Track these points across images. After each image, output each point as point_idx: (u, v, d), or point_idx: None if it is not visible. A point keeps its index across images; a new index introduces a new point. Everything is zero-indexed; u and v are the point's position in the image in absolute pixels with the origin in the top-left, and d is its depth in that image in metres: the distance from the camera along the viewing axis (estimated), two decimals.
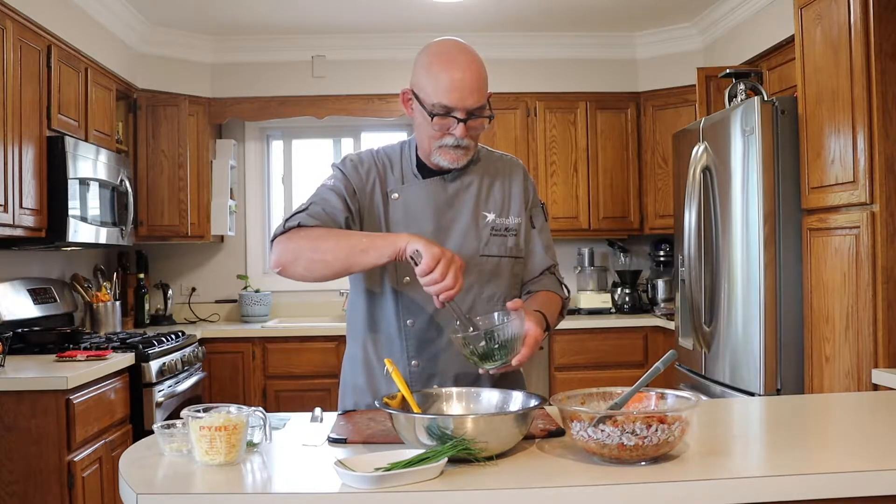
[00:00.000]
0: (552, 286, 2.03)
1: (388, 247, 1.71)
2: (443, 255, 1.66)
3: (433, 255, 1.65)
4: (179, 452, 1.52)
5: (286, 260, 1.82)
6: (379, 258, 1.73)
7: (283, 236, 1.85)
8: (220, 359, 4.59)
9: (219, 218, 5.01)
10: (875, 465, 1.38)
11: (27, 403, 2.86)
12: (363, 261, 1.75)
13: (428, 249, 1.66)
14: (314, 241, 1.81)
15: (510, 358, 1.70)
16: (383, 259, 1.73)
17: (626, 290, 5.18)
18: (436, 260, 1.65)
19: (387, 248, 1.71)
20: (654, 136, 5.06)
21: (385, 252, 1.72)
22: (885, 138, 2.65)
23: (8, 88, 3.17)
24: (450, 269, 1.65)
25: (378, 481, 1.29)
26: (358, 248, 1.75)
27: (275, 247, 1.85)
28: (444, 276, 1.65)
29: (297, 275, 1.83)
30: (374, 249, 1.73)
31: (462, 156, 1.90)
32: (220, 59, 5.03)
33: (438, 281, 1.65)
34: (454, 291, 1.67)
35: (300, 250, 1.81)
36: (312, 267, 1.81)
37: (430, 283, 1.66)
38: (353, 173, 1.97)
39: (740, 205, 3.26)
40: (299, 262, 1.81)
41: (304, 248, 1.81)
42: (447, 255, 1.67)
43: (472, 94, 1.83)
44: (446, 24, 4.76)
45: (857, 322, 2.73)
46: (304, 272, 1.82)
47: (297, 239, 1.83)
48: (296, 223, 1.85)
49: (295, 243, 1.82)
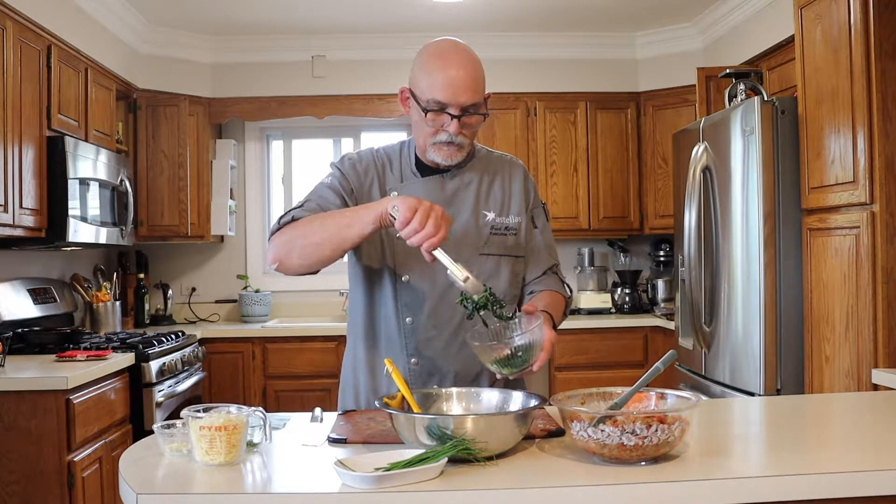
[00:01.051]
0: (555, 286, 2.04)
1: (370, 213, 1.70)
2: (419, 204, 1.62)
3: (409, 206, 1.62)
4: (179, 452, 1.52)
5: (281, 254, 1.82)
6: (364, 227, 1.71)
7: (278, 232, 1.86)
8: (220, 359, 4.59)
9: (219, 218, 5.01)
10: (875, 465, 1.38)
11: (27, 403, 2.86)
12: (350, 234, 1.74)
13: (404, 202, 1.63)
14: (303, 228, 1.81)
15: (530, 364, 1.70)
16: (368, 227, 1.71)
17: (626, 290, 5.18)
18: (412, 210, 1.61)
19: (369, 215, 1.70)
20: (654, 136, 5.06)
21: (368, 219, 1.70)
22: (885, 138, 2.65)
23: (8, 88, 3.17)
24: (429, 217, 1.61)
25: (378, 481, 1.29)
26: (343, 223, 1.75)
27: (270, 244, 1.86)
28: (423, 224, 1.61)
29: (294, 265, 1.83)
30: (358, 219, 1.72)
31: (455, 152, 1.90)
32: (220, 59, 5.03)
33: (418, 230, 1.61)
34: (437, 238, 1.62)
35: (292, 240, 1.82)
36: (305, 253, 1.80)
37: (411, 233, 1.62)
38: (350, 172, 1.97)
39: (740, 205, 3.26)
40: (293, 253, 1.81)
41: (295, 237, 1.81)
42: (424, 204, 1.63)
43: (467, 90, 1.84)
44: (446, 24, 4.76)
45: (857, 322, 2.73)
46: (300, 261, 1.81)
47: (288, 231, 1.84)
48: (289, 218, 1.86)
49: (287, 235, 1.83)
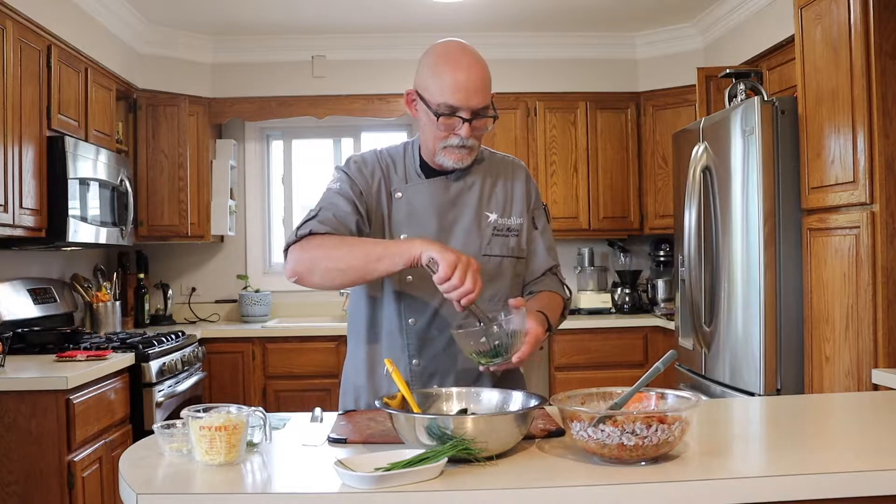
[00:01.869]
0: (554, 286, 2.04)
1: (403, 254, 1.71)
2: (458, 260, 1.65)
3: (449, 263, 1.65)
4: (179, 452, 1.52)
5: (302, 270, 1.83)
6: (393, 266, 1.73)
7: (296, 245, 1.85)
8: (220, 359, 4.59)
9: (219, 218, 5.01)
10: (875, 465, 1.38)
11: (27, 403, 2.86)
12: (378, 268, 1.75)
13: (444, 256, 1.66)
14: (328, 251, 1.81)
15: (510, 355, 1.70)
16: (398, 267, 1.72)
17: (626, 290, 5.18)
18: (452, 267, 1.64)
19: (401, 256, 1.71)
20: (654, 136, 5.06)
21: (399, 260, 1.71)
22: (885, 138, 2.65)
23: (8, 88, 3.17)
24: (468, 273, 1.65)
25: (378, 481, 1.29)
26: (373, 257, 1.75)
27: (289, 256, 1.85)
28: (462, 280, 1.64)
29: (314, 284, 1.84)
30: (389, 257, 1.73)
31: (466, 155, 1.91)
32: (220, 59, 5.03)
33: (458, 287, 1.65)
34: (475, 295, 1.66)
35: (315, 260, 1.81)
36: (328, 276, 1.81)
37: (450, 289, 1.66)
38: (357, 175, 1.97)
39: (740, 205, 3.26)
40: (315, 272, 1.82)
41: (320, 258, 1.81)
42: (463, 259, 1.66)
43: (477, 94, 1.84)
44: (446, 24, 4.76)
45: (857, 322, 2.73)
46: (321, 282, 1.83)
47: (311, 248, 1.83)
48: (307, 231, 1.85)
49: (309, 253, 1.82)
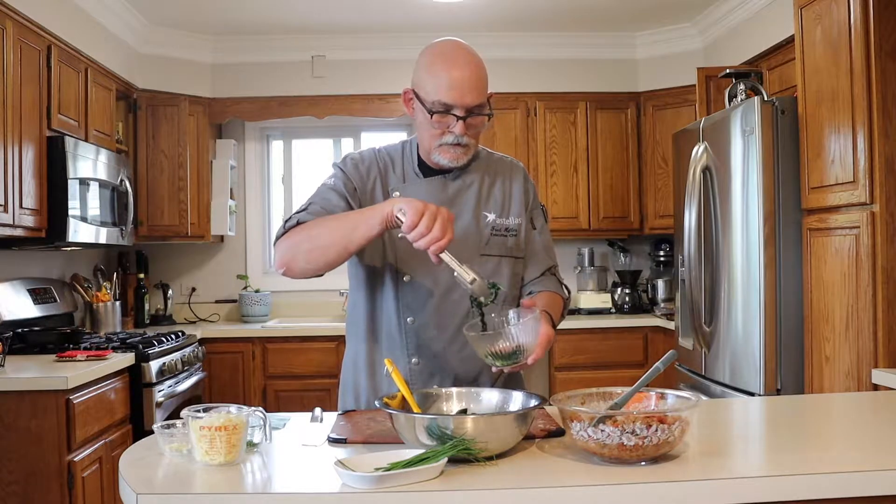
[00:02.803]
0: (553, 286, 2.04)
1: (376, 214, 1.70)
2: (426, 207, 1.63)
3: (416, 210, 1.63)
4: (179, 452, 1.52)
5: (287, 258, 1.82)
6: (370, 229, 1.71)
7: (283, 237, 1.86)
8: (220, 359, 4.59)
9: (219, 218, 5.01)
10: (875, 465, 1.38)
11: (27, 403, 2.86)
12: (356, 236, 1.74)
13: (411, 204, 1.64)
14: (308, 232, 1.82)
15: (525, 357, 1.70)
16: (374, 229, 1.71)
17: (626, 290, 5.18)
18: (419, 214, 1.62)
19: (375, 217, 1.70)
20: (654, 136, 5.06)
21: (374, 221, 1.70)
22: (885, 138, 2.65)
23: (8, 88, 3.17)
24: (436, 220, 1.62)
25: (378, 481, 1.29)
26: (349, 226, 1.75)
27: (276, 249, 1.86)
28: (429, 227, 1.62)
29: (300, 269, 1.83)
30: (364, 221, 1.72)
31: (462, 154, 1.91)
32: (220, 59, 5.03)
33: (425, 234, 1.62)
34: (444, 242, 1.63)
35: (298, 244, 1.82)
36: (311, 257, 1.80)
37: (417, 237, 1.63)
38: (353, 172, 1.97)
39: (740, 205, 3.26)
40: (299, 257, 1.81)
41: (301, 241, 1.81)
42: (431, 207, 1.63)
43: (472, 91, 1.84)
44: (446, 24, 4.76)
45: (857, 322, 2.73)
46: (306, 265, 1.82)
47: (294, 235, 1.84)
48: (294, 222, 1.86)
49: (292, 240, 1.83)
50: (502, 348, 1.68)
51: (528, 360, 1.70)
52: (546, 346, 1.73)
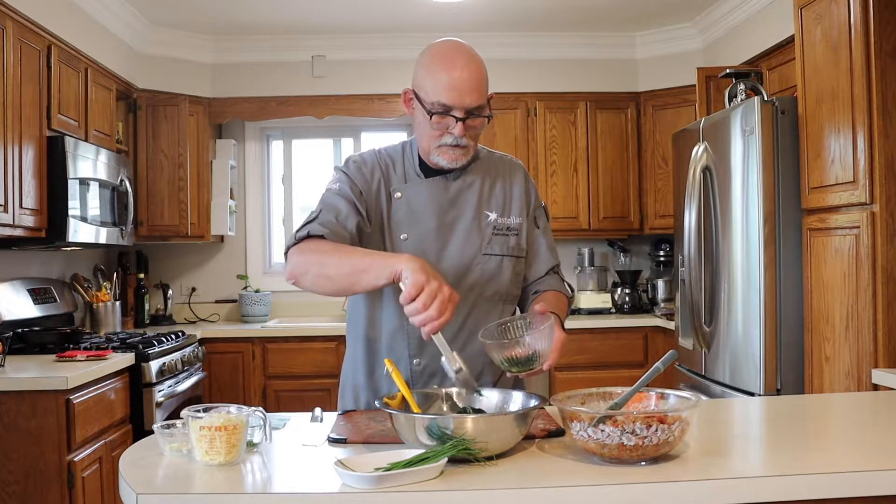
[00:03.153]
0: (557, 285, 2.05)
1: (386, 268, 1.66)
2: (427, 283, 1.56)
3: (415, 283, 1.56)
4: (179, 452, 1.52)
5: (298, 273, 1.81)
6: (376, 280, 1.69)
7: (295, 248, 1.84)
8: (220, 359, 4.59)
9: (219, 218, 5.01)
10: (875, 465, 1.38)
11: (27, 403, 2.86)
12: (362, 281, 1.72)
13: (413, 276, 1.58)
14: (321, 256, 1.79)
15: (542, 362, 1.70)
16: (380, 281, 1.68)
17: (626, 290, 5.18)
18: (418, 288, 1.56)
19: (384, 270, 1.66)
20: (654, 136, 5.06)
21: (382, 274, 1.67)
22: (885, 138, 2.65)
23: (8, 88, 3.17)
24: (434, 299, 1.55)
25: (378, 481, 1.29)
26: (360, 268, 1.72)
27: (288, 259, 1.84)
28: (426, 306, 1.55)
29: (308, 288, 1.83)
30: (374, 270, 1.69)
31: (461, 155, 1.90)
32: (220, 59, 5.03)
33: (420, 311, 1.56)
34: (437, 323, 1.56)
35: (309, 264, 1.80)
36: (318, 283, 1.79)
37: (413, 312, 1.57)
38: (357, 175, 1.96)
39: (740, 205, 3.26)
40: (307, 277, 1.80)
41: (312, 263, 1.80)
42: (433, 284, 1.56)
43: (471, 93, 1.84)
44: (446, 24, 4.76)
45: (857, 322, 2.73)
46: (312, 287, 1.81)
47: (308, 252, 1.82)
48: (305, 233, 1.84)
49: (305, 257, 1.81)
50: (518, 355, 1.68)
51: (545, 365, 1.71)
52: (561, 352, 1.74)
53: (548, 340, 1.69)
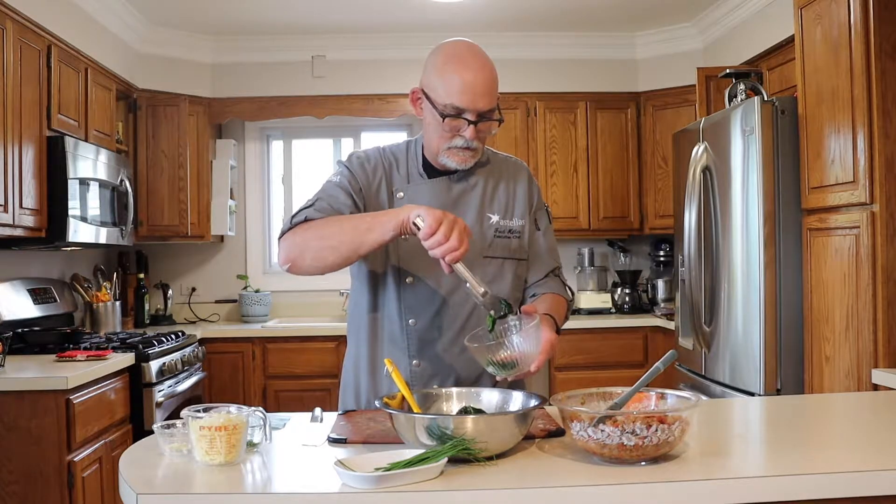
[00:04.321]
0: (557, 288, 2.04)
1: (392, 220, 1.69)
2: (444, 216, 1.63)
3: (435, 218, 1.62)
4: (179, 452, 1.52)
5: (294, 255, 1.81)
6: (384, 233, 1.70)
7: (289, 232, 1.84)
8: (220, 359, 4.59)
9: (219, 218, 5.01)
10: (875, 465, 1.38)
11: (27, 403, 2.86)
12: (368, 239, 1.72)
13: (430, 213, 1.64)
14: (319, 230, 1.80)
15: (527, 365, 1.68)
16: (388, 234, 1.70)
17: (626, 290, 5.18)
18: (438, 222, 1.62)
19: (390, 222, 1.69)
20: (654, 136, 5.06)
21: (389, 225, 1.69)
22: (885, 138, 2.65)
23: (8, 88, 3.17)
24: (453, 230, 1.62)
25: (378, 481, 1.29)
26: (363, 228, 1.73)
27: (281, 244, 1.84)
28: (447, 237, 1.61)
29: (306, 267, 1.81)
30: (379, 225, 1.70)
31: (470, 157, 1.90)
32: (220, 59, 5.03)
33: (442, 242, 1.61)
34: (459, 252, 1.62)
35: (306, 241, 1.80)
36: (320, 255, 1.78)
37: (434, 245, 1.63)
38: (359, 171, 1.96)
39: (740, 205, 3.26)
40: (306, 254, 1.80)
41: (310, 239, 1.80)
42: (449, 217, 1.64)
43: (484, 96, 1.83)
44: (446, 24, 4.76)
45: (857, 322, 2.73)
46: (313, 262, 1.80)
47: (302, 232, 1.82)
48: (302, 218, 1.85)
49: (300, 236, 1.81)
50: (504, 358, 1.66)
51: (532, 367, 1.69)
52: (549, 353, 1.72)
53: (534, 342, 1.66)
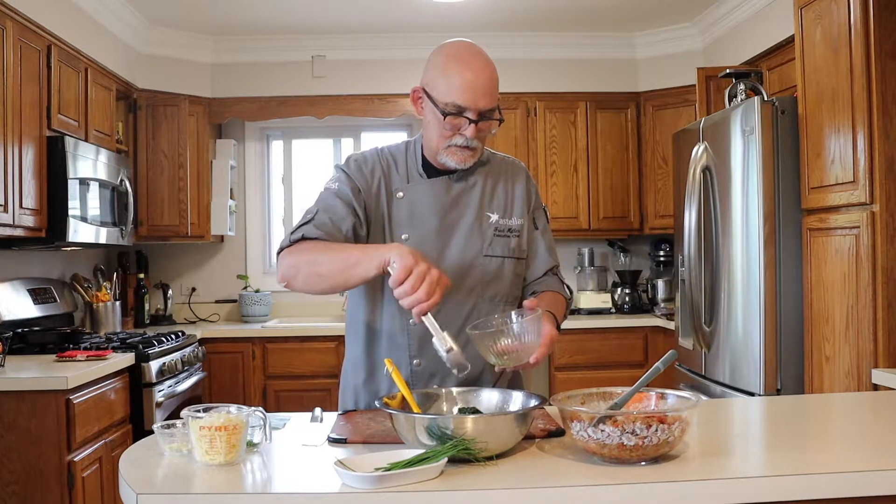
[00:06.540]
0: (556, 286, 2.05)
1: (376, 258, 1.67)
2: (416, 265, 1.58)
3: (405, 266, 1.58)
4: (179, 452, 1.52)
5: (289, 276, 1.83)
6: (367, 271, 1.70)
7: (287, 250, 1.85)
8: (220, 359, 4.59)
9: (219, 218, 5.01)
10: (875, 465, 1.38)
11: (27, 403, 2.86)
12: (354, 274, 1.73)
13: (401, 260, 1.60)
14: (312, 255, 1.81)
15: (528, 355, 1.69)
16: (371, 272, 1.69)
17: (626, 290, 5.18)
18: (407, 271, 1.58)
19: (374, 260, 1.68)
20: (654, 136, 5.06)
21: (372, 265, 1.68)
22: (885, 138, 2.65)
23: (8, 88, 3.17)
24: (423, 281, 1.58)
25: (378, 481, 1.29)
26: (350, 262, 1.73)
27: (279, 262, 1.86)
28: (414, 288, 1.58)
29: (300, 289, 1.84)
30: (364, 262, 1.70)
31: (470, 156, 1.91)
32: (220, 59, 5.03)
33: (409, 293, 1.58)
34: (426, 305, 1.59)
35: (300, 265, 1.81)
36: (310, 281, 1.81)
37: (402, 295, 1.59)
38: (357, 173, 1.96)
39: (740, 205, 3.26)
40: (299, 277, 1.81)
41: (303, 263, 1.81)
42: (421, 266, 1.59)
43: (485, 95, 1.84)
44: (446, 24, 4.76)
45: (857, 322, 2.73)
46: (304, 287, 1.82)
47: (298, 253, 1.83)
48: (300, 235, 1.85)
49: (296, 258, 1.83)
50: (505, 347, 1.66)
51: (531, 359, 1.69)
52: (549, 346, 1.73)
53: (535, 333, 1.67)
